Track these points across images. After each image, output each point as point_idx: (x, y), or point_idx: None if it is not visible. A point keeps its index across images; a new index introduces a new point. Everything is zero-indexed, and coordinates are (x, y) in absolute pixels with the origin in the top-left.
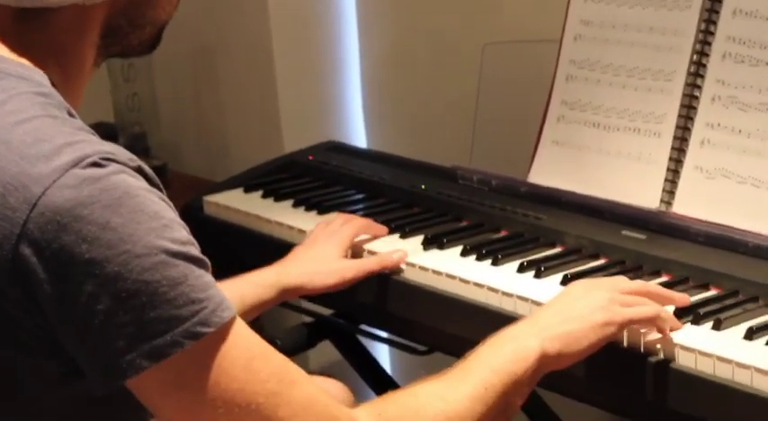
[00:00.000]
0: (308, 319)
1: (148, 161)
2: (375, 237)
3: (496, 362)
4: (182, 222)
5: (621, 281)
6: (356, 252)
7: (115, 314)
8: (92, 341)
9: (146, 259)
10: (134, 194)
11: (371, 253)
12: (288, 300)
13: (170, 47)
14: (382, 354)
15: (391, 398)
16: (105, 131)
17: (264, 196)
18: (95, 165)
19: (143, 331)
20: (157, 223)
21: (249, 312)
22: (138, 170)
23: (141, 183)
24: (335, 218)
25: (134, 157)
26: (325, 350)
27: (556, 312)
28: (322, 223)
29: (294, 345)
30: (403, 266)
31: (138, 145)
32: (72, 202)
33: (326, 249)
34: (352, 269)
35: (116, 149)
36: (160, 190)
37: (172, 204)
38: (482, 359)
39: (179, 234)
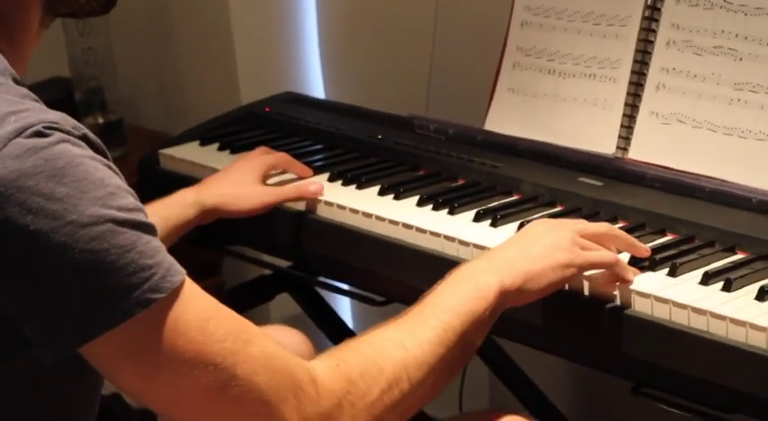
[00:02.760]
0: (268, 272)
1: (105, 116)
2: (300, 177)
3: (455, 301)
4: (129, 188)
5: (583, 222)
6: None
7: (63, 285)
8: (40, 313)
9: (92, 228)
10: (77, 163)
11: (328, 204)
12: (206, 221)
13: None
14: (343, 306)
15: (349, 347)
16: (61, 86)
17: (221, 149)
18: (39, 134)
19: (93, 301)
20: (103, 191)
21: (172, 232)
22: (83, 138)
23: (85, 151)
24: (255, 150)
25: (79, 125)
26: (286, 302)
27: (517, 250)
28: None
29: (253, 298)
30: (360, 217)
31: (94, 99)
32: (16, 173)
33: (244, 174)
34: (270, 194)
35: (60, 118)
36: (106, 157)
37: (119, 171)
38: (441, 299)
39: (125, 201)
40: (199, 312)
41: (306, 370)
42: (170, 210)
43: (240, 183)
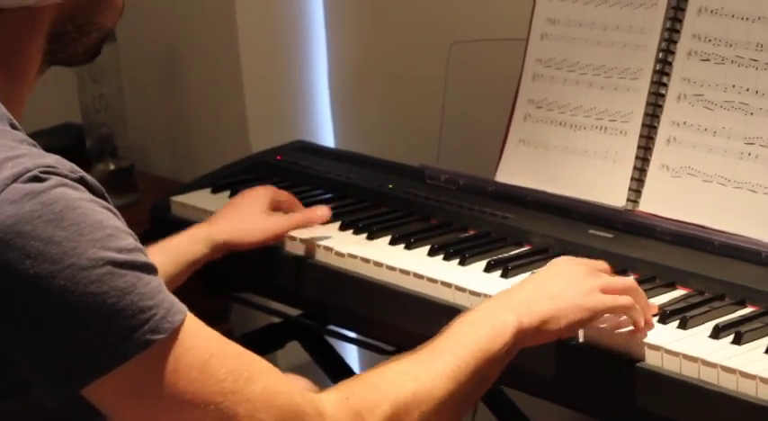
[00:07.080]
0: (277, 320)
1: (116, 162)
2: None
3: (471, 338)
4: (128, 230)
5: (602, 265)
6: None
7: (63, 328)
8: (40, 356)
9: (91, 271)
10: (75, 206)
11: (338, 253)
12: (217, 257)
13: (137, 47)
14: (351, 355)
15: (360, 378)
16: (72, 132)
17: (232, 196)
18: (36, 179)
19: (92, 343)
20: (101, 234)
21: (184, 269)
22: (81, 181)
23: (83, 194)
24: (258, 186)
25: (76, 168)
26: (294, 351)
27: (536, 288)
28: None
29: (263, 346)
30: (371, 266)
31: (105, 146)
32: (14, 219)
33: (251, 206)
34: (279, 224)
35: (57, 162)
36: (105, 199)
37: (118, 213)
38: (456, 336)
39: (124, 242)
40: (200, 351)
41: (313, 404)
42: (181, 247)
43: (249, 215)
